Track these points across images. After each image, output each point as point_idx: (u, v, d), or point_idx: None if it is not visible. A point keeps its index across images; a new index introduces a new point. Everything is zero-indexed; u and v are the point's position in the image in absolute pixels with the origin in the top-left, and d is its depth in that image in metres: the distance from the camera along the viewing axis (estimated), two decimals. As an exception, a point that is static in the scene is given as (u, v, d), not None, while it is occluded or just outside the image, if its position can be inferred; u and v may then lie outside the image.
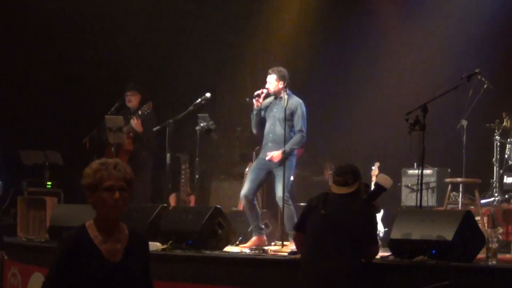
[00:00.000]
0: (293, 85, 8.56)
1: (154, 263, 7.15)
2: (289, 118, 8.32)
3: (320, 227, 5.75)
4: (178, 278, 6.94)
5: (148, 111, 10.17)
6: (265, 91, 8.43)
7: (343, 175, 5.80)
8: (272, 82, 8.40)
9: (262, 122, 8.57)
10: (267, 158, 8.32)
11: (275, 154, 8.26)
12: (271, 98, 8.53)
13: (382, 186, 6.14)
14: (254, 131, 8.69)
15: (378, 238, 6.13)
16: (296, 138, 8.35)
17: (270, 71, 8.47)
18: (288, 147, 8.28)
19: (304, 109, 8.42)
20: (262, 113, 8.54)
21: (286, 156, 8.22)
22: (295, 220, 8.14)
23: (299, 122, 8.36)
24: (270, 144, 8.44)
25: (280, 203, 8.30)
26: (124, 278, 3.70)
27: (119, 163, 3.76)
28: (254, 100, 8.46)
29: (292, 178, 8.68)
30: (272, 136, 8.43)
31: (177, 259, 7.07)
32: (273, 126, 8.43)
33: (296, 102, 8.41)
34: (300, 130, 8.36)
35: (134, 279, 3.75)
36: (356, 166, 5.97)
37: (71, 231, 3.74)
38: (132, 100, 10.40)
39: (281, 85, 8.38)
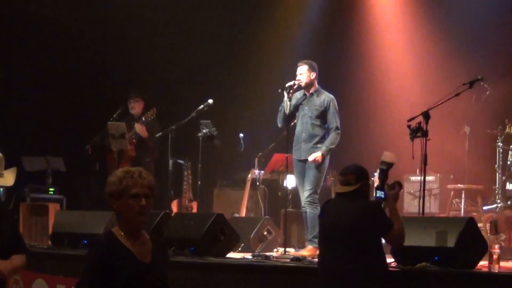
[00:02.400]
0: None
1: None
2: (320, 115, 8.10)
3: (322, 237, 5.79)
4: (180, 284, 6.93)
5: (153, 117, 10.19)
6: (296, 82, 8.14)
7: (345, 174, 5.77)
8: (304, 72, 8.16)
9: (289, 117, 8.23)
10: (310, 159, 8.01)
11: (317, 157, 7.98)
12: (301, 93, 8.24)
13: (388, 162, 6.11)
14: (280, 124, 8.29)
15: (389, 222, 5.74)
16: (333, 136, 8.08)
17: (300, 63, 8.22)
18: (325, 149, 8.03)
19: (336, 104, 8.16)
20: (292, 108, 8.16)
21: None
22: (315, 224, 8.09)
23: (333, 119, 8.08)
24: (303, 144, 8.15)
25: (303, 202, 8.11)
26: (155, 278, 3.88)
27: (143, 171, 3.93)
28: (285, 93, 8.09)
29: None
30: (306, 135, 8.14)
31: (179, 265, 7.05)
32: (306, 125, 8.14)
33: (328, 97, 8.16)
34: (337, 128, 8.10)
35: (163, 279, 3.93)
36: (362, 167, 5.84)
37: (100, 237, 3.98)
38: (136, 107, 10.40)
39: (312, 76, 8.17)
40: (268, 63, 11.34)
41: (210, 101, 8.96)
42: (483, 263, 6.14)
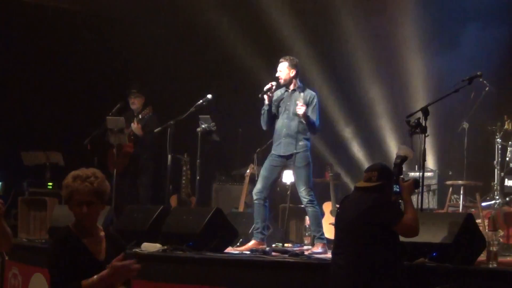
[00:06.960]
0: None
1: (155, 264, 7.17)
2: None
3: (335, 231, 5.83)
4: (178, 279, 6.94)
5: (149, 115, 10.20)
6: (274, 83, 8.08)
7: (369, 171, 5.77)
8: (283, 70, 8.07)
9: (273, 117, 8.19)
10: (299, 112, 7.87)
11: (303, 110, 7.83)
12: (282, 91, 8.18)
13: (402, 156, 6.12)
14: (264, 127, 8.26)
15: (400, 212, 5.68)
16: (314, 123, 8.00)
17: (281, 59, 8.13)
18: (308, 116, 7.91)
19: (317, 101, 8.10)
20: (273, 108, 8.14)
21: (300, 155, 7.95)
22: (319, 221, 8.09)
23: (313, 114, 7.99)
24: (284, 139, 8.05)
25: (304, 203, 8.07)
26: None
27: (94, 174, 3.99)
28: (265, 96, 8.08)
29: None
30: (287, 131, 8.03)
31: (178, 260, 7.06)
32: (288, 121, 8.05)
33: (310, 93, 8.09)
34: (317, 124, 8.05)
35: None
36: (387, 166, 5.83)
37: (60, 232, 4.04)
38: (136, 102, 10.42)
39: (292, 73, 8.06)
40: (268, 58, 11.33)
41: (209, 96, 8.94)
42: (481, 260, 6.14)
